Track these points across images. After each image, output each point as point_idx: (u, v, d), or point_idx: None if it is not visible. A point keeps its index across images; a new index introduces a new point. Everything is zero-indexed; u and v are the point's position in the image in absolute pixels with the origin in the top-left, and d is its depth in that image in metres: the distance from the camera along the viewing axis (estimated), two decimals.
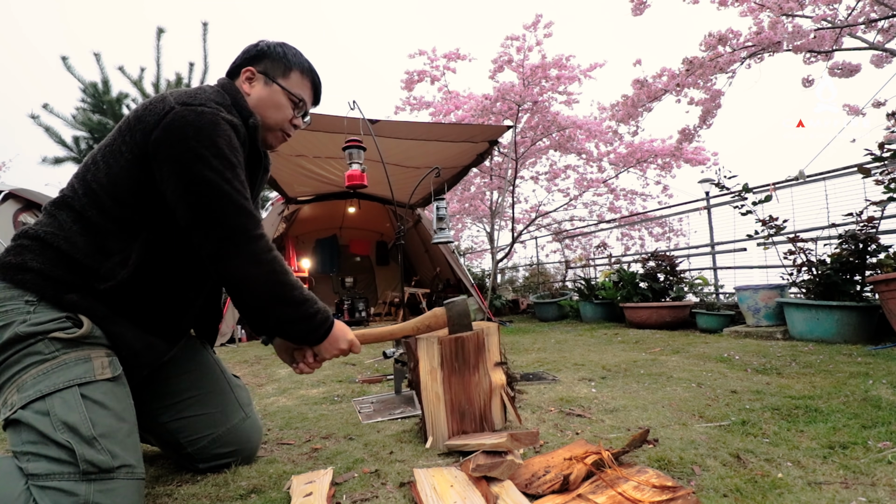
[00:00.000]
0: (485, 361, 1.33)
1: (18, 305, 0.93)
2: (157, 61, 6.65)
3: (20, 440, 0.86)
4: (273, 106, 1.18)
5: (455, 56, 7.07)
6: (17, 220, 4.70)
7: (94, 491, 0.84)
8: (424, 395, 1.28)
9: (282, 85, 1.18)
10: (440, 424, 1.27)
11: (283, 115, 1.20)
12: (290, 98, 1.20)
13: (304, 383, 2.35)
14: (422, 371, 1.28)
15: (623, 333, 3.99)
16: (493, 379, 1.33)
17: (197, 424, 1.18)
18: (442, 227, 4.28)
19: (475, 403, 1.31)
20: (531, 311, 7.02)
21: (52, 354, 0.91)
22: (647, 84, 4.73)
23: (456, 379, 1.29)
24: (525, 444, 1.04)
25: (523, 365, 2.59)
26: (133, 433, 0.95)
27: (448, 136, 5.01)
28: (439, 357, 1.28)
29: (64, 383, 0.89)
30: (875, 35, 4.12)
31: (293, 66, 1.20)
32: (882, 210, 3.14)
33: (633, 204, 8.52)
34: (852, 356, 2.39)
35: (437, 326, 1.32)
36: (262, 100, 1.17)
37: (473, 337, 1.31)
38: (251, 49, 1.21)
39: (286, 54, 1.20)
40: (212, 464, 1.20)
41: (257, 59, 1.19)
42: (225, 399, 1.23)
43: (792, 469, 1.04)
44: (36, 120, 6.47)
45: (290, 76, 1.20)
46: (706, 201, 5.73)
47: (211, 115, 0.98)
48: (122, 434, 0.91)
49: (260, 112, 1.17)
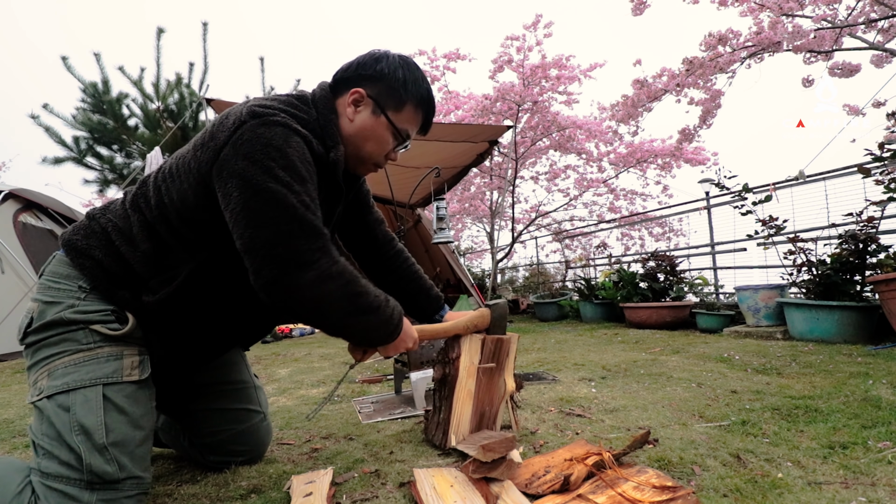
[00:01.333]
0: (505, 367, 1.35)
1: (72, 288, 0.95)
2: (157, 61, 6.65)
3: (40, 430, 0.88)
4: (374, 139, 1.06)
5: (455, 56, 7.07)
6: (17, 220, 4.70)
7: (98, 499, 0.85)
8: (458, 391, 1.28)
9: (391, 119, 1.05)
10: (464, 424, 1.28)
11: (381, 149, 1.08)
12: (396, 134, 1.08)
13: (304, 383, 2.35)
14: (461, 365, 1.28)
15: (623, 333, 3.99)
16: (507, 384, 1.35)
17: (222, 417, 1.20)
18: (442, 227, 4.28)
19: (494, 406, 1.33)
20: (531, 311, 7.02)
21: (87, 346, 0.92)
22: (647, 84, 4.73)
23: (486, 378, 1.31)
24: (499, 451, 1.03)
25: (523, 365, 2.59)
26: (147, 441, 0.96)
27: (448, 136, 5.00)
28: (480, 355, 1.30)
29: (91, 381, 0.89)
30: (875, 35, 4.12)
31: (409, 98, 1.06)
32: (882, 210, 3.14)
33: (633, 204, 8.52)
34: (852, 356, 2.39)
35: (483, 326, 1.34)
36: (364, 130, 1.05)
37: (507, 341, 1.34)
38: (368, 64, 1.06)
39: (406, 82, 1.05)
40: (223, 458, 1.21)
41: (372, 81, 1.05)
42: (249, 397, 1.26)
43: (792, 469, 1.04)
44: (36, 120, 6.47)
45: (404, 109, 1.07)
46: (706, 201, 5.73)
47: (283, 127, 0.91)
48: (134, 443, 0.91)
49: (357, 142, 1.06)
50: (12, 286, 4.28)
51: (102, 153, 6.84)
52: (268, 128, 0.90)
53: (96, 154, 6.82)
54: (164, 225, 0.97)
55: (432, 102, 1.12)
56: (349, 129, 1.06)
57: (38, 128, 6.51)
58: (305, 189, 0.91)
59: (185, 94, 6.92)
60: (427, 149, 5.10)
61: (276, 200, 0.87)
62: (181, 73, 6.93)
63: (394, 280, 1.37)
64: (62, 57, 6.30)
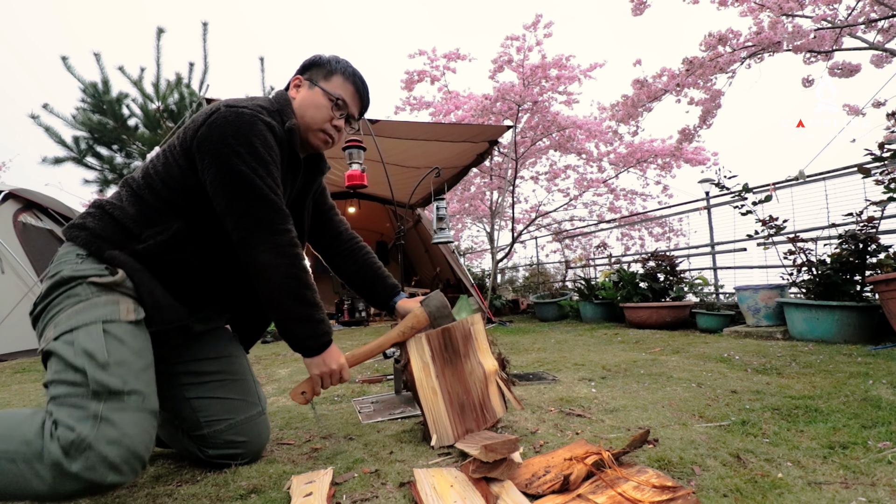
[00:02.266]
0: (474, 350, 1.33)
1: (70, 258, 1.07)
2: (157, 61, 6.64)
3: (51, 370, 0.95)
4: (313, 106, 1.25)
5: (455, 56, 7.07)
6: (17, 220, 4.70)
7: (104, 408, 0.89)
8: (421, 393, 1.27)
9: (322, 87, 1.26)
10: (442, 419, 1.26)
11: (322, 114, 1.25)
12: (329, 98, 1.25)
13: None
14: (414, 369, 1.27)
15: (623, 333, 3.99)
16: (485, 366, 1.32)
17: (219, 406, 1.22)
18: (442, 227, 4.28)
19: (473, 394, 1.30)
20: (531, 311, 7.02)
21: (86, 297, 1.02)
22: (647, 84, 4.73)
23: (449, 370, 1.28)
24: (501, 453, 1.01)
25: (523, 365, 2.59)
26: (149, 370, 1.01)
27: (448, 136, 5.01)
28: (429, 351, 1.28)
29: (91, 319, 0.98)
30: (875, 35, 4.12)
31: (336, 71, 1.27)
32: (882, 210, 3.14)
33: (633, 204, 8.52)
34: (852, 356, 2.39)
35: (421, 326, 1.33)
36: (304, 101, 1.26)
37: (459, 326, 1.31)
38: (304, 61, 1.32)
39: (330, 62, 1.28)
40: (221, 451, 1.21)
41: (306, 69, 1.29)
42: (248, 390, 1.28)
43: (792, 469, 1.04)
44: (36, 120, 6.47)
45: (332, 79, 1.27)
46: (706, 201, 5.73)
47: (249, 116, 1.09)
48: (136, 367, 0.97)
49: (302, 113, 1.25)
50: (12, 286, 4.28)
51: (102, 153, 6.83)
52: (238, 116, 1.08)
53: (96, 154, 6.81)
54: (149, 190, 1.12)
55: (360, 75, 1.31)
56: (296, 104, 1.27)
57: (38, 128, 6.50)
58: (268, 172, 1.10)
59: (185, 94, 6.91)
60: (427, 149, 5.11)
61: (245, 180, 1.07)
62: (181, 73, 6.92)
63: (352, 269, 1.51)
64: (62, 57, 6.29)
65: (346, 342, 4.25)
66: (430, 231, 5.84)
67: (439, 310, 1.34)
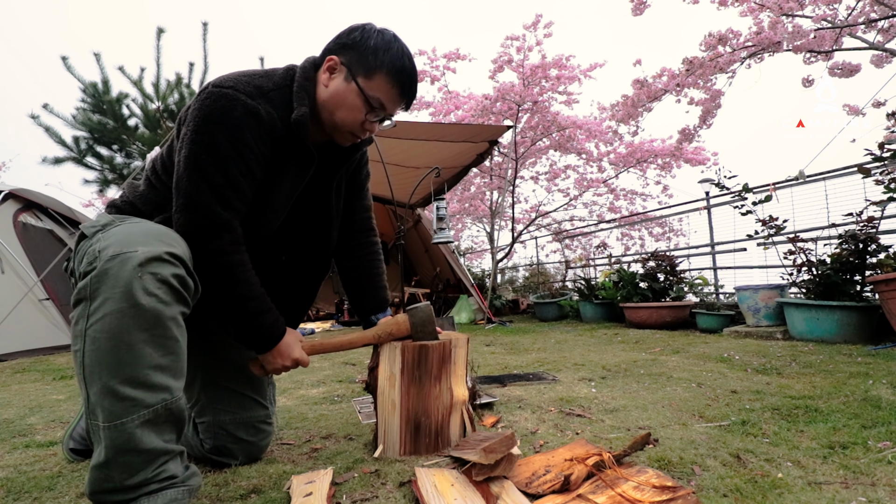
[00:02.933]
0: (448, 374, 1.25)
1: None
2: (157, 61, 6.64)
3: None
4: (344, 105, 1.09)
5: (455, 56, 7.07)
6: (17, 220, 4.70)
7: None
8: (380, 401, 1.23)
9: (360, 86, 1.07)
10: (392, 434, 1.22)
11: (353, 117, 1.10)
12: (367, 101, 1.08)
13: (304, 383, 2.35)
14: (380, 375, 1.22)
15: (623, 333, 3.99)
16: (454, 393, 1.25)
17: (229, 398, 1.22)
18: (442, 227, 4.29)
19: (432, 417, 1.24)
20: (531, 311, 7.02)
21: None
22: (647, 84, 4.73)
23: (415, 389, 1.22)
24: (500, 451, 1.00)
25: (523, 365, 2.59)
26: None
27: (448, 136, 5.01)
28: (400, 364, 1.21)
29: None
30: (875, 35, 4.12)
31: (381, 67, 1.07)
32: (882, 210, 3.14)
33: (633, 204, 8.53)
34: (852, 356, 2.39)
35: (400, 334, 1.25)
36: (335, 96, 1.09)
37: (439, 347, 1.23)
38: (345, 34, 1.10)
39: (377, 50, 1.07)
40: (222, 445, 1.20)
41: (346, 49, 1.09)
42: (261, 390, 1.28)
43: (792, 469, 1.04)
44: (36, 120, 6.46)
45: (375, 77, 1.07)
46: (706, 201, 5.74)
47: (227, 101, 0.98)
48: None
49: (330, 108, 1.10)
50: (12, 286, 4.28)
51: (102, 153, 6.83)
52: (215, 100, 0.98)
53: (96, 154, 6.81)
54: (155, 176, 1.11)
55: (409, 72, 1.10)
56: (324, 95, 1.10)
57: (38, 128, 6.49)
58: (223, 170, 0.99)
59: (185, 94, 6.91)
60: (427, 149, 5.11)
61: (199, 172, 0.98)
62: (181, 73, 6.91)
63: (349, 266, 1.38)
64: (62, 57, 6.29)
65: None
66: (430, 231, 5.84)
67: (423, 323, 1.25)
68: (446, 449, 1.24)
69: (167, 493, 0.87)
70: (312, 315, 7.16)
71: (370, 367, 1.27)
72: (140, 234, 0.90)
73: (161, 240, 0.90)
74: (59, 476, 1.18)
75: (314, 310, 7.31)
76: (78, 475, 1.18)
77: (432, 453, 1.23)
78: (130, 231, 0.91)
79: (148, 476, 0.85)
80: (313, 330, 5.50)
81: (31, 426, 1.70)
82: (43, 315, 4.41)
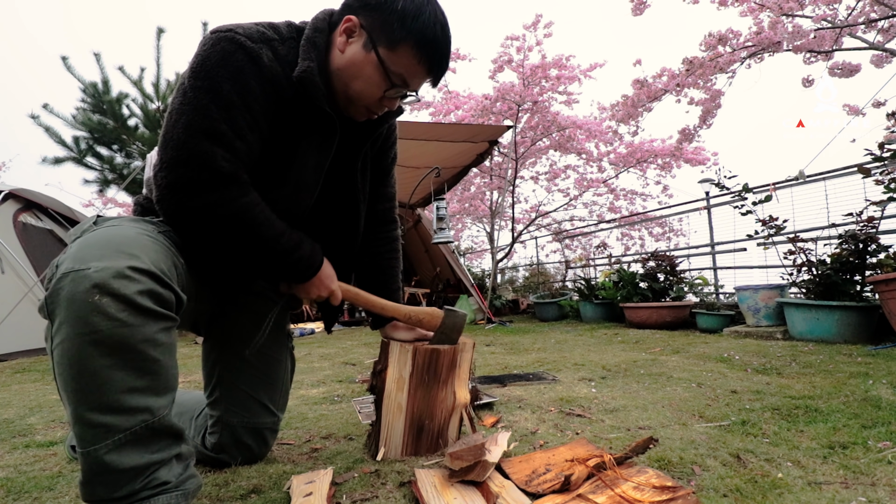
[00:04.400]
0: (454, 378, 1.25)
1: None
2: (157, 61, 6.64)
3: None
4: (361, 77, 0.95)
5: (455, 56, 7.06)
6: (17, 220, 4.70)
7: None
8: (386, 404, 1.21)
9: (381, 57, 0.93)
10: (395, 436, 1.21)
11: (370, 92, 0.96)
12: (387, 76, 0.94)
13: (304, 383, 2.35)
14: (389, 378, 1.21)
15: (623, 333, 3.99)
16: (458, 396, 1.25)
17: (241, 400, 1.20)
18: (442, 227, 4.29)
19: (436, 419, 1.24)
20: (531, 311, 7.02)
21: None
22: (647, 84, 4.73)
23: (422, 393, 1.21)
24: (466, 460, 0.98)
25: (523, 365, 2.59)
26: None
27: (448, 136, 5.01)
28: (410, 367, 1.20)
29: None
30: (875, 35, 4.12)
31: (406, 38, 0.91)
32: (882, 210, 3.14)
33: (633, 204, 8.53)
34: (852, 356, 2.39)
35: (427, 326, 1.24)
36: (351, 65, 0.95)
37: (450, 351, 1.22)
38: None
39: (405, 16, 0.90)
40: (223, 442, 1.19)
41: (368, 10, 0.93)
42: (274, 397, 1.25)
43: (792, 469, 1.04)
44: (36, 120, 6.47)
45: (399, 49, 0.92)
46: (706, 201, 5.74)
47: (227, 43, 0.87)
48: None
49: (345, 78, 0.96)
50: (12, 286, 4.28)
51: (102, 153, 6.83)
52: (213, 44, 0.88)
53: (96, 154, 6.81)
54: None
55: (440, 46, 0.95)
56: (338, 61, 0.96)
57: (38, 128, 6.50)
58: (227, 115, 0.87)
59: None
60: (427, 149, 5.11)
61: (199, 119, 0.86)
62: (181, 73, 6.92)
63: (366, 261, 1.30)
64: (62, 57, 6.29)
65: (345, 342, 4.25)
66: (430, 231, 5.84)
67: (452, 329, 1.24)
68: (446, 448, 1.24)
69: (158, 499, 0.82)
70: (313, 315, 7.16)
71: (377, 369, 1.25)
72: (100, 245, 0.77)
73: (122, 251, 0.77)
74: (59, 476, 1.18)
75: (314, 310, 7.30)
76: (78, 475, 1.18)
77: (432, 454, 1.23)
78: (89, 242, 0.78)
79: (136, 487, 0.80)
80: (313, 330, 5.50)
81: (31, 426, 1.70)
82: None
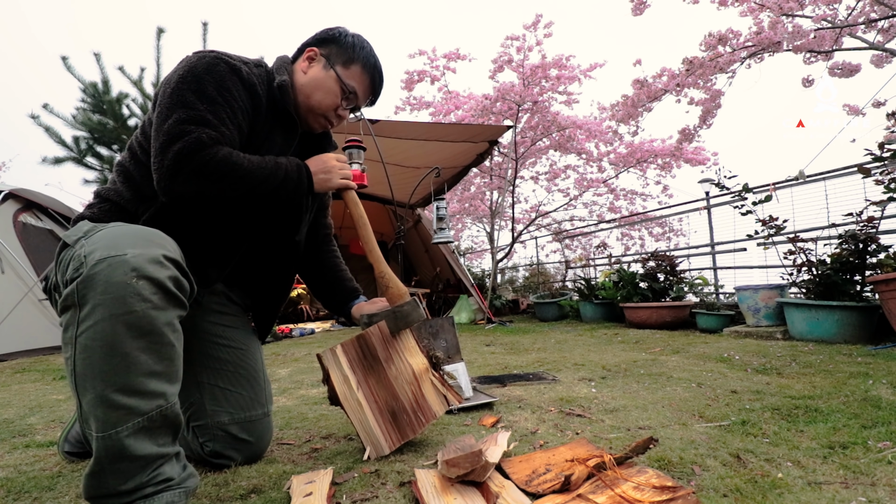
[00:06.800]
0: (399, 351, 1.25)
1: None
2: (157, 61, 6.63)
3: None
4: (322, 89, 1.19)
5: (455, 56, 7.07)
6: (17, 220, 4.70)
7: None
8: (347, 406, 1.22)
9: (338, 73, 1.19)
10: (373, 431, 1.21)
11: (329, 100, 1.20)
12: (343, 87, 1.20)
13: (304, 383, 2.35)
14: (336, 383, 1.21)
15: (623, 333, 3.99)
16: (413, 366, 1.25)
17: (225, 398, 1.21)
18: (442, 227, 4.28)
19: (402, 396, 1.24)
20: (531, 311, 7.02)
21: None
22: (647, 84, 4.73)
23: (373, 378, 1.22)
24: (463, 468, 0.98)
25: (523, 365, 2.59)
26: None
27: (448, 136, 5.01)
28: (346, 362, 1.21)
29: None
30: (875, 35, 4.12)
31: (357, 60, 1.21)
32: (882, 210, 3.14)
33: (633, 204, 8.53)
34: (852, 356, 2.39)
35: (389, 297, 1.29)
36: (314, 80, 1.19)
37: (374, 330, 1.24)
38: (323, 32, 1.23)
39: (354, 47, 1.21)
40: (222, 447, 1.19)
41: (325, 43, 1.22)
42: (257, 388, 1.26)
43: (792, 469, 1.04)
44: (36, 120, 6.46)
45: (351, 67, 1.21)
46: (706, 201, 5.74)
47: (211, 59, 1.03)
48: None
49: (308, 91, 1.19)
50: (12, 286, 4.28)
51: (102, 153, 6.83)
52: (198, 58, 1.03)
53: (96, 154, 6.80)
54: (133, 160, 1.09)
55: (380, 70, 1.25)
56: (302, 79, 1.20)
57: (38, 128, 6.49)
58: (214, 111, 1.01)
59: None
60: (427, 149, 5.11)
61: (185, 111, 0.98)
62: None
63: (314, 267, 1.46)
64: (62, 57, 6.28)
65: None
66: (430, 231, 5.84)
67: (405, 317, 1.27)
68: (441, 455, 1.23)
69: (163, 495, 0.85)
70: (313, 315, 7.16)
71: (324, 379, 1.25)
72: (128, 236, 0.87)
73: (151, 241, 0.87)
74: (59, 476, 1.18)
75: (314, 310, 7.31)
76: (78, 475, 1.18)
77: (419, 430, 1.24)
78: (116, 234, 0.87)
79: (143, 480, 0.83)
80: (313, 330, 5.50)
81: (31, 426, 1.70)
82: (43, 315, 4.41)
